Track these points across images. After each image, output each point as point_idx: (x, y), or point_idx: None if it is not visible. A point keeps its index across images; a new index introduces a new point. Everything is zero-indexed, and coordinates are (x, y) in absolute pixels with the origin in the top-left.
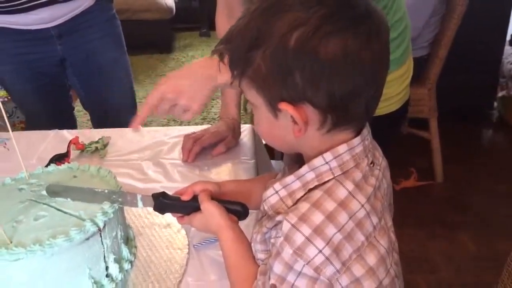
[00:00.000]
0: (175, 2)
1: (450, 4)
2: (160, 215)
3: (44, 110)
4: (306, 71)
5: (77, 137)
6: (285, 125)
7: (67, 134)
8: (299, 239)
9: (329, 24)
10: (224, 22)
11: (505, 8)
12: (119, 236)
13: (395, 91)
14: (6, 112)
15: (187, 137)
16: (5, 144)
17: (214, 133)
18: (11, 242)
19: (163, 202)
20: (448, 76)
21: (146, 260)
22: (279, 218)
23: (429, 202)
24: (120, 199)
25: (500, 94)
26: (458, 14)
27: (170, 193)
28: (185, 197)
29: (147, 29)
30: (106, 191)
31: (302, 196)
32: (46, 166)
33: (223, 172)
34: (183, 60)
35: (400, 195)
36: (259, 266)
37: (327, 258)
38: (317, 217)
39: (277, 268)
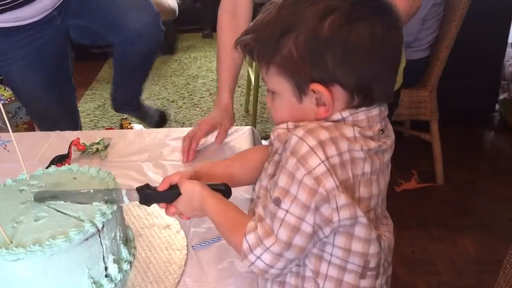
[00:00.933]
0: (178, 4)
1: (451, 6)
2: (159, 216)
3: (50, 107)
4: (337, 54)
5: (78, 138)
6: (308, 108)
7: (69, 135)
8: (304, 148)
9: (358, 11)
10: (226, 18)
11: (506, 10)
12: (118, 237)
13: None
14: (9, 113)
15: (183, 138)
16: (5, 146)
17: (207, 126)
18: (11, 243)
19: (147, 193)
20: (449, 78)
21: (145, 261)
22: (285, 137)
23: (430, 204)
24: (105, 197)
25: (501, 96)
26: (459, 17)
27: None
28: (161, 187)
29: None
30: (91, 191)
31: None
32: (47, 167)
33: None
34: (185, 62)
35: (400, 197)
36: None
37: (328, 170)
38: (323, 134)
39: (282, 180)
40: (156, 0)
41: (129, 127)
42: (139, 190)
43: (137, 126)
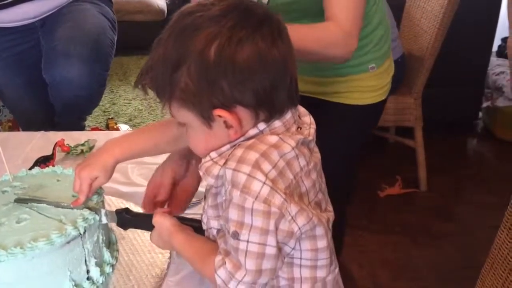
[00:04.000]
0: (167, 4)
1: (435, 14)
2: None
3: (35, 108)
4: (229, 77)
5: (62, 140)
6: (220, 132)
7: (53, 136)
8: (241, 178)
9: (238, 32)
10: None
11: (491, 20)
12: (100, 240)
13: (384, 81)
14: None
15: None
16: None
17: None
18: None
19: (124, 218)
20: (433, 86)
21: (127, 264)
22: (220, 171)
23: (414, 210)
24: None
25: (484, 104)
26: (443, 25)
27: None
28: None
29: (139, 30)
30: (71, 206)
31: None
32: (31, 168)
33: None
34: None
35: (384, 202)
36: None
37: (271, 188)
38: (253, 155)
39: (232, 214)
40: (145, 0)
41: (115, 127)
42: (118, 213)
43: (123, 127)
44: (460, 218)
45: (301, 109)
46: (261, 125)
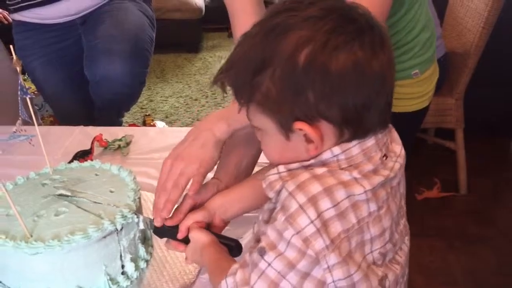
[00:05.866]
0: (206, 2)
1: (479, 12)
2: None
3: (74, 104)
4: (318, 87)
5: (101, 135)
6: (298, 145)
7: (92, 131)
8: (293, 206)
9: (336, 38)
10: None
11: None
12: (136, 237)
13: (427, 88)
14: (35, 105)
15: (157, 190)
16: (31, 140)
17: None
18: (31, 236)
19: (161, 227)
20: (475, 87)
21: (161, 260)
22: (278, 187)
23: (451, 214)
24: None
25: None
26: (489, 24)
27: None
28: (180, 235)
29: (177, 28)
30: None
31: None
32: (70, 162)
33: None
34: (210, 60)
35: (422, 205)
36: None
37: (317, 230)
38: (315, 188)
39: (271, 233)
40: None
41: (151, 124)
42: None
43: (160, 124)
44: (499, 222)
45: (395, 134)
46: (336, 150)
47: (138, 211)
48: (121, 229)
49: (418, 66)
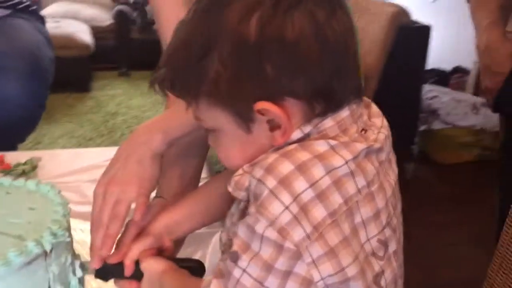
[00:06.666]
0: (94, 40)
1: None
2: None
3: None
4: (275, 58)
5: (1, 156)
6: (262, 137)
7: None
8: (263, 192)
9: None
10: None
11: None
12: (67, 262)
13: None
14: None
15: (93, 227)
16: None
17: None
18: None
19: (105, 267)
20: None
21: None
22: (246, 182)
23: None
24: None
25: (421, 128)
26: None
27: None
28: (127, 272)
29: (65, 66)
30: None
31: None
32: None
33: None
34: (103, 99)
35: None
36: None
37: (294, 217)
38: (286, 167)
39: (242, 231)
40: (69, 34)
41: None
42: None
43: None
44: (415, 239)
45: (374, 108)
46: (306, 128)
47: (69, 230)
48: (50, 251)
49: None
